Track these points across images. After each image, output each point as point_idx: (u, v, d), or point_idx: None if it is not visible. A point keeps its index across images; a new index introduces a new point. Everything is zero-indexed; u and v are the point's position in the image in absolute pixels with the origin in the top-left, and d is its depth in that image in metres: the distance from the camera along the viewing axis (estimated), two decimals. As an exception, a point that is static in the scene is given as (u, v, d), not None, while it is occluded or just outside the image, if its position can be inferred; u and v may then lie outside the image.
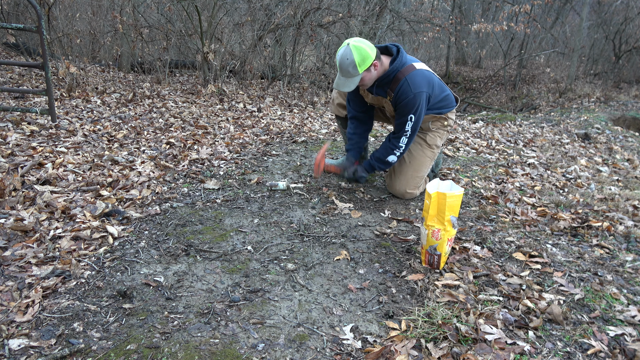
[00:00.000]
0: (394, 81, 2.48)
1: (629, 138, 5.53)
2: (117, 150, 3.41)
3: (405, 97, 2.46)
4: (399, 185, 2.76)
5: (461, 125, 5.59)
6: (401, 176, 2.75)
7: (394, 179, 2.79)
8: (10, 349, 1.46)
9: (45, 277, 1.82)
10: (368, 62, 2.34)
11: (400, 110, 2.53)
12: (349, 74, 2.36)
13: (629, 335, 1.63)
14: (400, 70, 2.46)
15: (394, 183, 2.78)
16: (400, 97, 2.48)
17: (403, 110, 2.51)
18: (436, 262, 1.99)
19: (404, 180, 2.74)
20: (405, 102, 2.47)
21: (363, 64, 2.33)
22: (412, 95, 2.44)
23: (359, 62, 2.32)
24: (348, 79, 2.39)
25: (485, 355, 1.49)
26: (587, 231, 2.50)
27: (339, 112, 3.01)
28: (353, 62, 2.31)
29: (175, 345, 1.50)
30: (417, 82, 2.45)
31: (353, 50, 2.31)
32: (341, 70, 2.37)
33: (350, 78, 2.38)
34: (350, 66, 2.32)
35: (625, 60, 11.72)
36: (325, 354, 1.51)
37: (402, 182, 2.75)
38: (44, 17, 4.70)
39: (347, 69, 2.34)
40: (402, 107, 2.50)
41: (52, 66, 5.95)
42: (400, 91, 2.46)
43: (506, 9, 12.27)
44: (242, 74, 7.24)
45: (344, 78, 2.40)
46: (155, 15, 7.51)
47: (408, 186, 2.75)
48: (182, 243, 2.15)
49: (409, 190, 2.76)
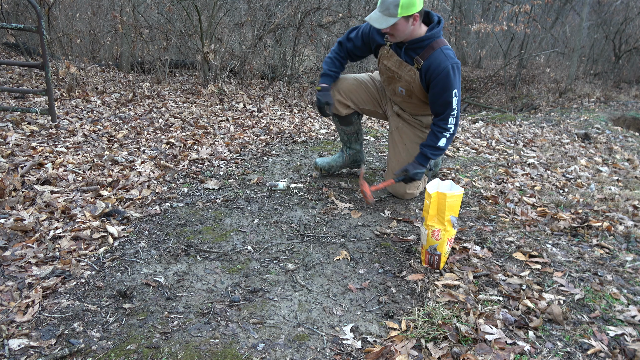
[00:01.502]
0: (427, 49, 2.34)
1: (629, 138, 5.53)
2: (117, 150, 3.41)
3: (441, 68, 2.30)
4: (398, 186, 2.74)
5: (461, 125, 5.59)
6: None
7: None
8: (10, 349, 1.46)
9: (45, 277, 1.82)
10: (412, 10, 2.19)
11: (436, 84, 2.34)
12: (388, 11, 2.20)
13: (629, 335, 1.63)
14: (436, 40, 2.35)
15: (394, 184, 2.77)
16: (434, 68, 2.32)
17: (444, 85, 2.31)
18: (436, 262, 1.99)
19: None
20: (441, 73, 2.30)
21: (407, 8, 2.18)
22: (450, 65, 2.28)
23: (403, 4, 2.17)
24: (385, 16, 2.20)
25: (485, 355, 1.49)
26: (587, 231, 2.50)
27: (338, 111, 2.86)
28: (398, 1, 2.17)
29: (175, 345, 1.50)
30: (451, 54, 2.34)
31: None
32: (382, 4, 2.21)
33: (387, 17, 2.20)
34: (393, 4, 2.17)
35: (625, 60, 11.71)
36: (325, 354, 1.51)
37: (401, 182, 2.74)
38: (44, 17, 4.70)
39: (389, 6, 2.18)
40: (438, 81, 2.32)
41: (52, 66, 5.95)
42: (435, 62, 2.31)
43: (506, 9, 12.27)
44: (242, 74, 7.24)
45: (380, 14, 2.23)
46: (155, 15, 7.51)
47: (408, 186, 2.73)
48: (182, 243, 2.16)
49: (409, 190, 2.75)
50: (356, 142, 2.98)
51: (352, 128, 2.91)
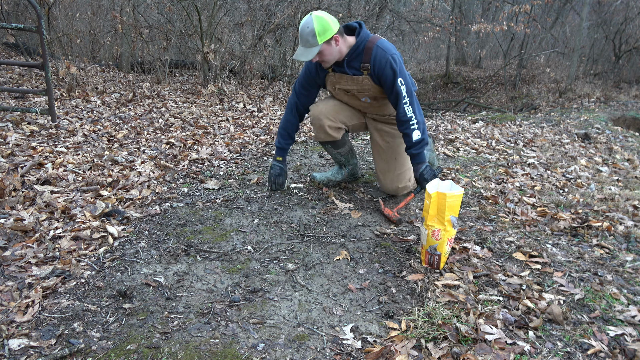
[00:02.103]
0: (365, 52, 2.41)
1: (629, 138, 5.53)
2: (117, 150, 3.41)
3: (384, 62, 2.36)
4: (390, 183, 2.73)
5: (461, 125, 5.59)
6: (388, 174, 2.72)
7: (383, 179, 2.75)
8: (10, 349, 1.46)
9: (45, 277, 1.82)
10: (329, 34, 2.28)
11: (385, 79, 2.39)
12: (309, 43, 2.29)
13: (629, 335, 1.63)
14: (369, 40, 2.40)
15: (384, 182, 2.76)
16: (379, 64, 2.38)
17: (388, 78, 2.37)
18: (436, 262, 1.99)
19: (393, 176, 2.72)
20: (386, 67, 2.36)
21: (323, 34, 2.27)
22: (389, 57, 2.35)
23: (319, 32, 2.26)
24: (307, 48, 2.32)
25: (485, 355, 1.49)
26: (587, 231, 2.50)
27: (332, 137, 2.71)
28: (313, 31, 2.25)
29: (175, 345, 1.50)
30: (388, 46, 2.40)
31: (314, 19, 2.26)
32: (301, 38, 2.31)
33: (309, 48, 2.30)
34: (310, 35, 2.27)
35: (625, 60, 11.71)
36: (325, 354, 1.51)
37: (392, 179, 2.72)
38: (44, 17, 4.70)
39: (307, 38, 2.28)
40: (385, 75, 2.37)
41: (52, 66, 5.95)
42: (377, 58, 2.37)
43: (506, 9, 12.27)
44: (242, 74, 7.25)
45: (303, 48, 2.33)
46: (155, 15, 7.51)
47: (399, 182, 2.72)
48: (182, 243, 2.16)
49: (401, 185, 2.74)
50: (352, 157, 2.93)
51: (346, 148, 2.85)
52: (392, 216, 2.50)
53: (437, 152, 3.95)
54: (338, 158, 2.89)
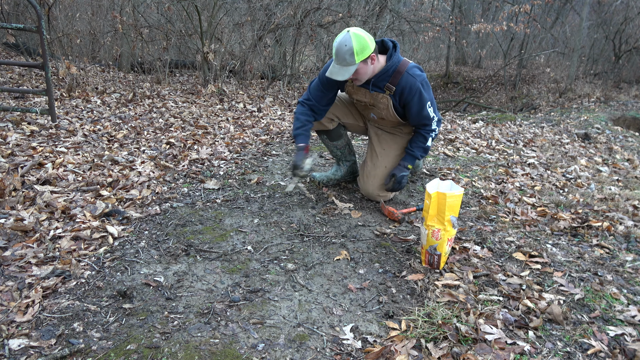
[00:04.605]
0: (394, 76, 2.41)
1: (629, 138, 5.53)
2: (117, 150, 3.41)
3: (416, 89, 2.39)
4: (371, 187, 2.68)
5: (461, 125, 5.59)
6: (374, 179, 2.66)
7: (365, 181, 2.70)
8: (10, 349, 1.46)
9: (45, 277, 1.82)
10: (367, 53, 2.24)
11: (411, 105, 2.46)
12: (345, 62, 2.24)
13: (629, 335, 1.63)
14: (400, 64, 2.41)
15: (366, 184, 2.70)
16: (409, 90, 2.41)
17: (419, 103, 2.44)
18: (436, 262, 1.99)
19: (375, 182, 2.66)
20: (419, 94, 2.41)
21: (361, 53, 2.23)
22: (419, 84, 2.40)
23: (357, 51, 2.21)
24: (343, 67, 2.27)
25: (485, 355, 1.49)
26: (587, 231, 2.50)
27: (325, 127, 2.77)
28: (351, 49, 2.20)
29: (175, 345, 1.50)
30: (417, 72, 2.43)
31: (353, 37, 2.21)
32: (337, 57, 2.25)
33: (346, 67, 2.25)
34: (347, 53, 2.21)
35: (625, 60, 11.71)
36: (325, 354, 1.51)
37: (373, 184, 2.67)
38: (44, 17, 4.70)
39: (344, 56, 2.22)
40: (416, 100, 2.43)
41: (52, 66, 5.95)
42: (407, 85, 2.40)
43: (506, 9, 12.27)
44: (242, 74, 7.25)
45: (339, 66, 2.27)
46: (155, 15, 7.51)
47: (380, 189, 2.68)
48: (182, 243, 2.16)
49: (381, 193, 2.69)
50: (350, 154, 2.94)
51: (342, 141, 2.87)
52: (395, 214, 2.50)
53: (437, 152, 3.96)
54: (335, 152, 2.92)
